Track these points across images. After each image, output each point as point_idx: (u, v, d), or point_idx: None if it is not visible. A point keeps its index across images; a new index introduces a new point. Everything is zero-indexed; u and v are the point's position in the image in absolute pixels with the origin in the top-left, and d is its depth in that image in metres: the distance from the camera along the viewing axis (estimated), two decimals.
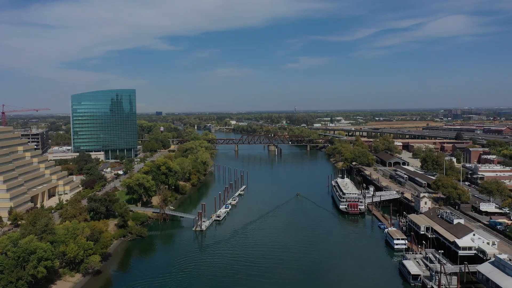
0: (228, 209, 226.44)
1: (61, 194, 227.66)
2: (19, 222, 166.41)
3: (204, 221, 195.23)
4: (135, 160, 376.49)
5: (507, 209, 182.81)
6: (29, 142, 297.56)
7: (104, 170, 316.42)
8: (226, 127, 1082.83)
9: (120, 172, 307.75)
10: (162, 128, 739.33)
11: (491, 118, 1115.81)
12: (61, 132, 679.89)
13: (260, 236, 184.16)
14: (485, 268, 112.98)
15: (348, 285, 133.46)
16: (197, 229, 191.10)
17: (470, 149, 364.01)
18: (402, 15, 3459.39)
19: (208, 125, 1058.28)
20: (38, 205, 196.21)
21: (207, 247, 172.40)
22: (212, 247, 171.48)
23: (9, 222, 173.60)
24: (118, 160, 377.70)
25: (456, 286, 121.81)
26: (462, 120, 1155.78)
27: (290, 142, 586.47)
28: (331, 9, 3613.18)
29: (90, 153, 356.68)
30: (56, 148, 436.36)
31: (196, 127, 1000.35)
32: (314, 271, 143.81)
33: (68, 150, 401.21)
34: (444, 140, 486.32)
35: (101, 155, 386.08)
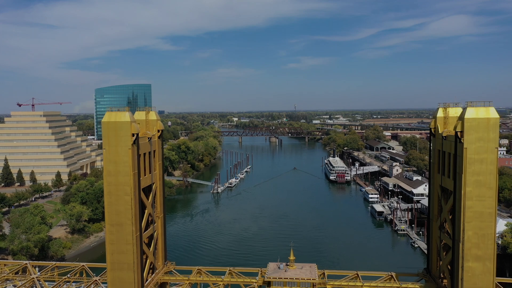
0: (237, 180, 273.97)
1: (98, 168, 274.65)
2: (75, 183, 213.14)
3: (219, 186, 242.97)
4: None
5: None
6: None
7: None
8: (229, 123, 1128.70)
9: None
10: (169, 123, 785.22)
11: None
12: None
13: (264, 196, 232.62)
14: (426, 200, 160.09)
15: (336, 221, 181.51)
16: (214, 191, 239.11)
17: None
18: (405, 15, 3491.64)
19: (212, 121, 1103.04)
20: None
21: (221, 201, 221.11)
22: (225, 201, 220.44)
23: (68, 182, 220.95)
24: None
25: (406, 218, 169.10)
26: None
27: (289, 135, 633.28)
28: (333, 9, 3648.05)
29: None
30: None
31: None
32: (308, 215, 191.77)
33: (92, 138, 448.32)
34: None
35: None
